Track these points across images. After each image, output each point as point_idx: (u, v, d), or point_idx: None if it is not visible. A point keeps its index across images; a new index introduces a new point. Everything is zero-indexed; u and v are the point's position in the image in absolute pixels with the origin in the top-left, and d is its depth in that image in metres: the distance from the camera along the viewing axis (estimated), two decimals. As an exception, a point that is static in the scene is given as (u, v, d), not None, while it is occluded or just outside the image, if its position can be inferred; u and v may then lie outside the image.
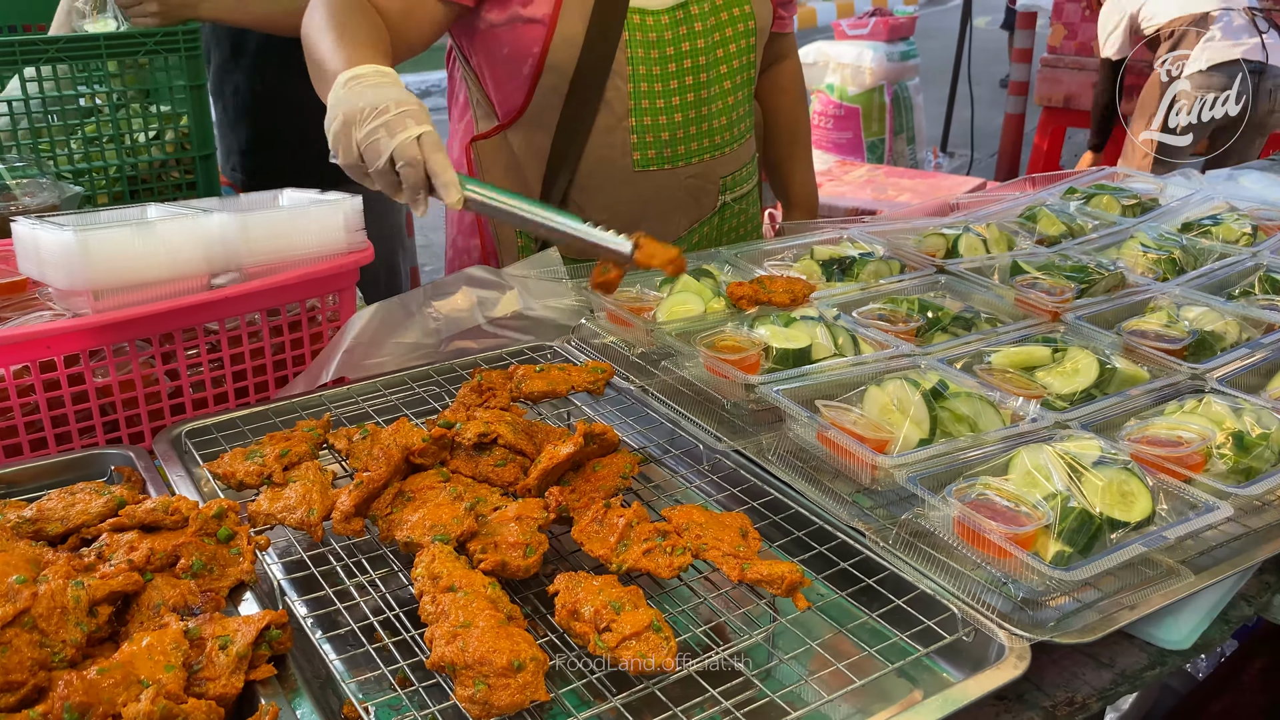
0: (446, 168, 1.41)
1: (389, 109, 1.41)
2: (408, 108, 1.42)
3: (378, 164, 1.42)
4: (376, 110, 1.41)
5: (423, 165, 1.41)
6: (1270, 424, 1.32)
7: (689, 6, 1.93)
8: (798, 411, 1.33)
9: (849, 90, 6.63)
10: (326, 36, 1.64)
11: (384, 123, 1.41)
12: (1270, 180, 2.84)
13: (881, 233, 1.96)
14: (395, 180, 1.44)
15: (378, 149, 1.41)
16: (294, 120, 2.88)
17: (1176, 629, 1.18)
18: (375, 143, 1.41)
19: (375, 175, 1.44)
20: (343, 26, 1.65)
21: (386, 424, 1.41)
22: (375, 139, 1.41)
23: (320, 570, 1.19)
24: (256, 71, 2.82)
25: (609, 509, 1.20)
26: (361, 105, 1.43)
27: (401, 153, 1.40)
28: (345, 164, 1.47)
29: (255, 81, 2.84)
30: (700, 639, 1.11)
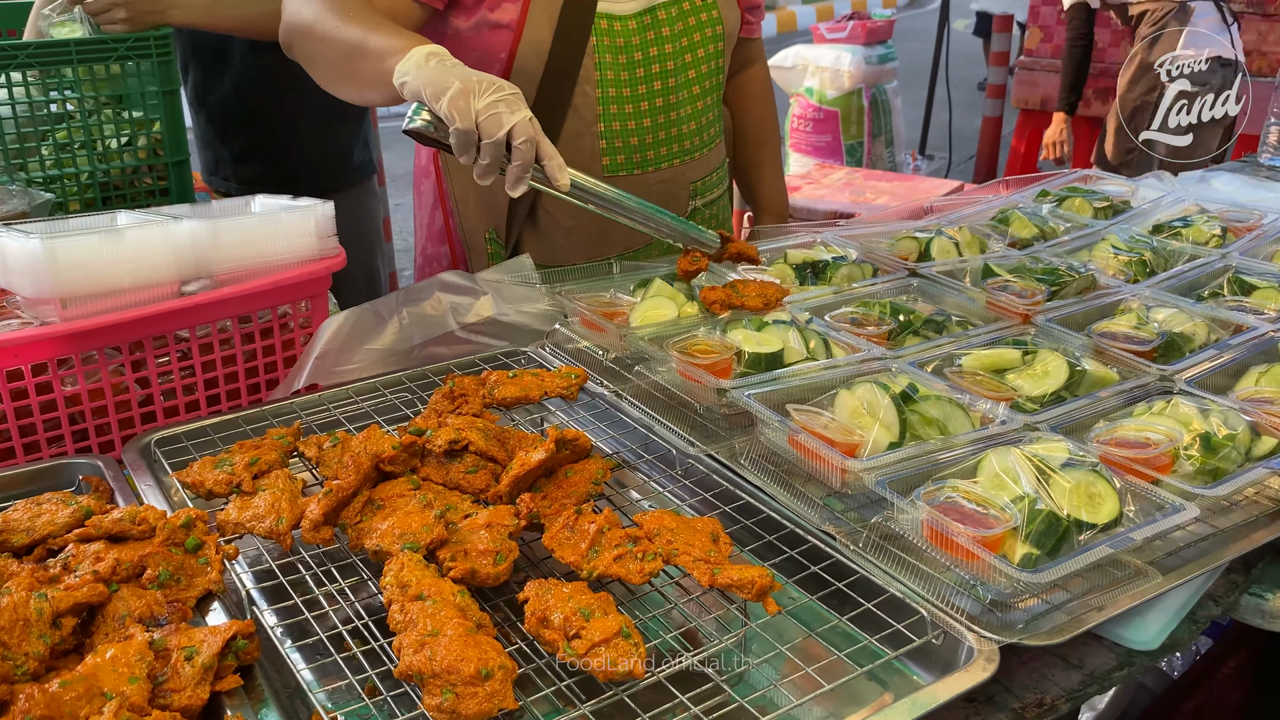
0: (557, 152, 1.50)
1: (504, 87, 1.47)
2: (516, 89, 1.48)
3: (496, 135, 1.45)
4: (494, 85, 1.46)
5: (535, 145, 1.46)
6: (1237, 425, 1.33)
7: (656, 11, 1.93)
8: (769, 416, 1.33)
9: (828, 93, 6.66)
10: (346, 19, 1.67)
11: (503, 98, 1.45)
12: (1241, 182, 2.86)
13: (855, 236, 1.97)
14: (502, 156, 1.48)
15: (499, 121, 1.45)
16: (282, 127, 2.88)
17: (1145, 629, 1.18)
18: (497, 115, 1.45)
19: (487, 147, 1.47)
20: (358, 13, 1.69)
21: (358, 431, 1.41)
22: (497, 112, 1.45)
23: (289, 579, 1.18)
24: (243, 80, 2.81)
25: (580, 515, 1.20)
26: (475, 78, 1.47)
27: (522, 129, 1.45)
28: (463, 127, 1.46)
29: (241, 91, 2.83)
30: (671, 644, 1.11)
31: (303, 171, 2.88)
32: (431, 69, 1.51)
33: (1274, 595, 1.29)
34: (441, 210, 2.16)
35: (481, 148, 1.47)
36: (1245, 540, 1.28)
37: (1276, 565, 1.33)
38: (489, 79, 1.47)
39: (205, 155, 2.96)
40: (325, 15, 1.71)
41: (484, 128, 1.46)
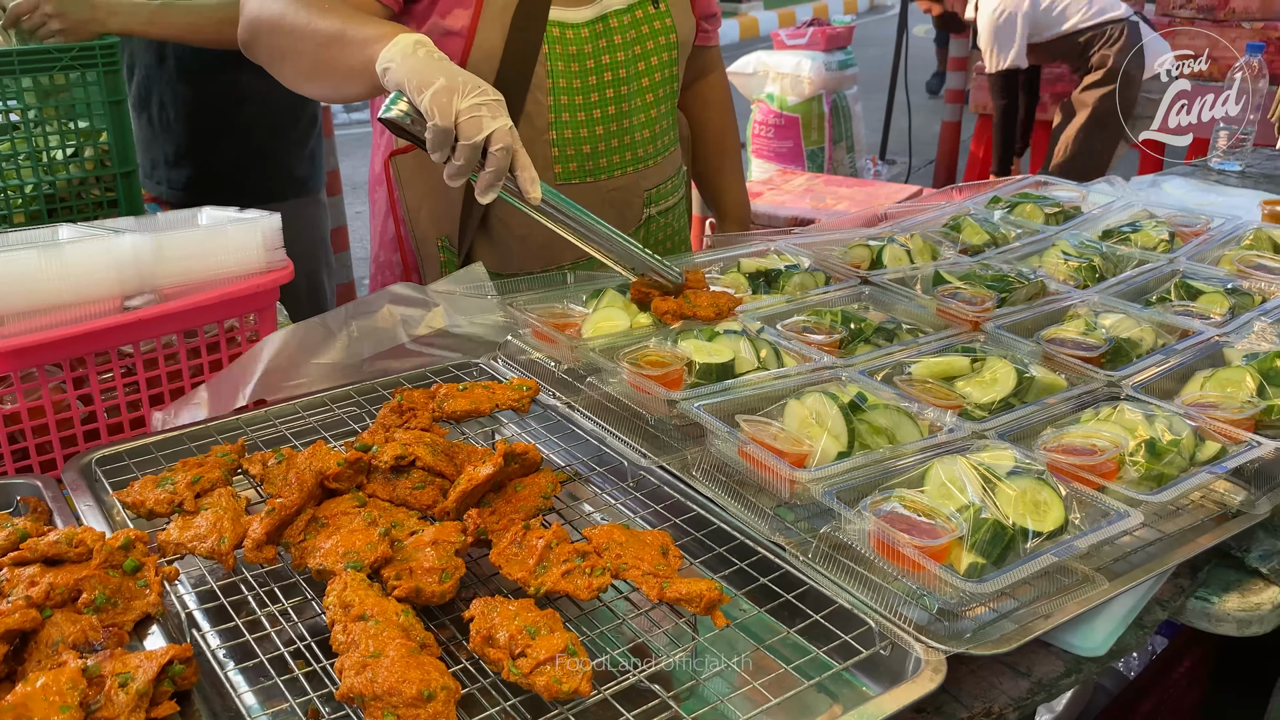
0: (530, 164, 1.48)
1: (488, 91, 1.44)
2: (500, 95, 1.46)
3: (474, 139, 1.43)
4: (479, 88, 1.44)
5: (511, 155, 1.44)
6: (1181, 430, 1.35)
7: (608, 19, 1.93)
8: (718, 427, 1.32)
9: (788, 99, 6.69)
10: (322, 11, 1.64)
11: (486, 102, 1.43)
12: (1192, 186, 2.90)
13: (808, 245, 1.97)
14: (477, 161, 1.45)
15: (479, 125, 1.42)
16: (221, 135, 2.84)
17: (1092, 636, 1.19)
18: (478, 119, 1.42)
19: (463, 149, 1.44)
20: (333, 5, 1.67)
21: (304, 447, 1.39)
22: (479, 115, 1.42)
23: (231, 600, 1.16)
24: (181, 81, 2.77)
25: (528, 530, 1.19)
26: (461, 77, 1.44)
27: (501, 136, 1.43)
28: (441, 125, 1.43)
29: (181, 92, 2.79)
30: (619, 661, 1.10)
31: (239, 181, 2.85)
32: (418, 60, 1.48)
33: (1220, 598, 1.30)
34: (394, 218, 2.14)
35: (457, 148, 1.45)
36: (1191, 544, 1.29)
37: (1222, 569, 1.35)
38: (475, 80, 1.45)
39: (143, 158, 2.92)
40: (295, 8, 1.68)
41: (463, 129, 1.43)
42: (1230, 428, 1.37)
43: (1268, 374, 1.47)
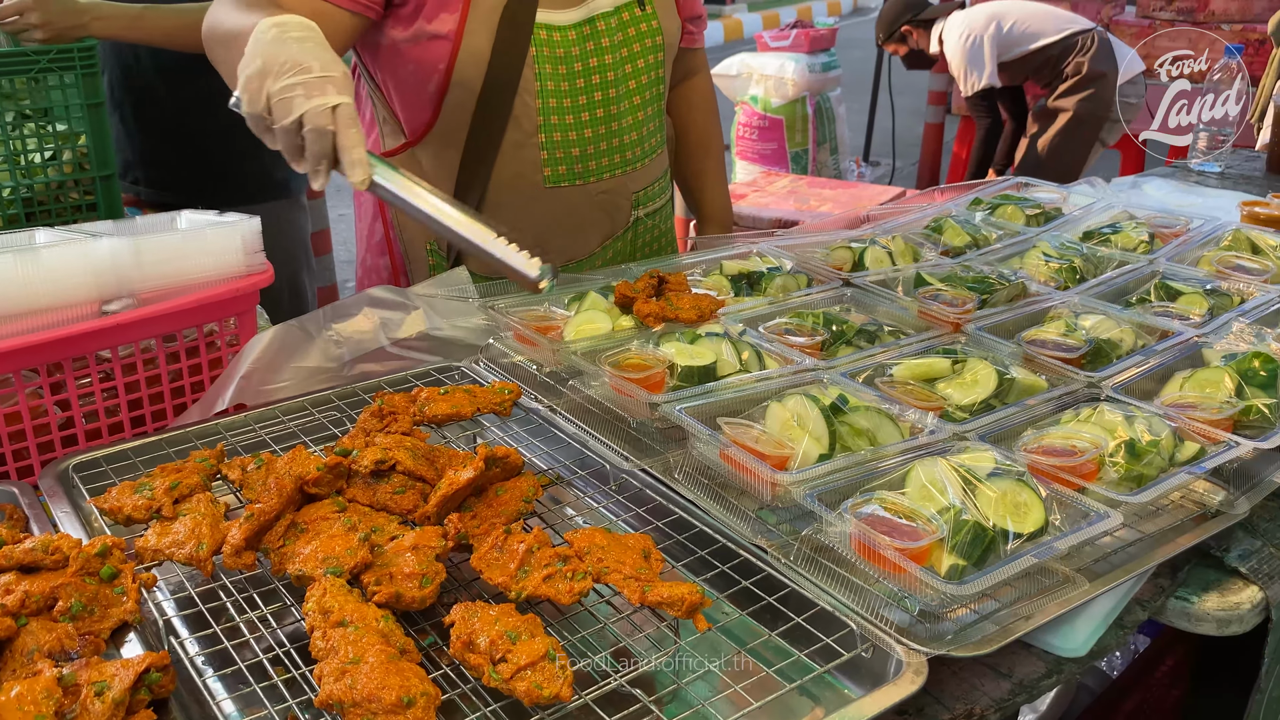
0: (357, 144, 1.33)
1: (312, 68, 1.32)
2: (332, 74, 1.33)
3: (285, 121, 1.33)
4: (299, 66, 1.32)
5: (332, 136, 1.32)
6: (1160, 431, 1.35)
7: (596, 22, 1.92)
8: (699, 429, 1.32)
9: (772, 101, 6.70)
10: (234, 14, 1.57)
11: (303, 81, 1.31)
12: (1172, 187, 2.92)
13: (790, 247, 1.98)
14: (298, 144, 1.35)
15: (289, 106, 1.32)
16: (197, 136, 2.83)
17: (1073, 636, 1.19)
18: (289, 100, 1.32)
19: (279, 133, 1.35)
20: (252, 5, 1.60)
21: (284, 452, 1.38)
22: (290, 96, 1.32)
23: (210, 607, 1.15)
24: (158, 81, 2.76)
25: (509, 535, 1.18)
26: (284, 58, 1.33)
27: (313, 117, 1.31)
28: (248, 113, 1.37)
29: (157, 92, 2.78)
30: (600, 665, 1.09)
31: (218, 182, 2.84)
32: (258, 43, 1.36)
33: (1199, 598, 1.30)
34: (381, 221, 2.13)
35: (275, 132, 1.36)
36: (1171, 545, 1.29)
37: (1202, 568, 1.35)
38: (306, 61, 1.33)
39: (117, 158, 2.90)
40: (218, 15, 1.64)
41: (275, 111, 1.33)
42: (1209, 428, 1.38)
43: (1246, 374, 1.48)
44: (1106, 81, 5.12)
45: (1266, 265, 1.91)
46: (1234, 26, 5.64)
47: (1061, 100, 5.18)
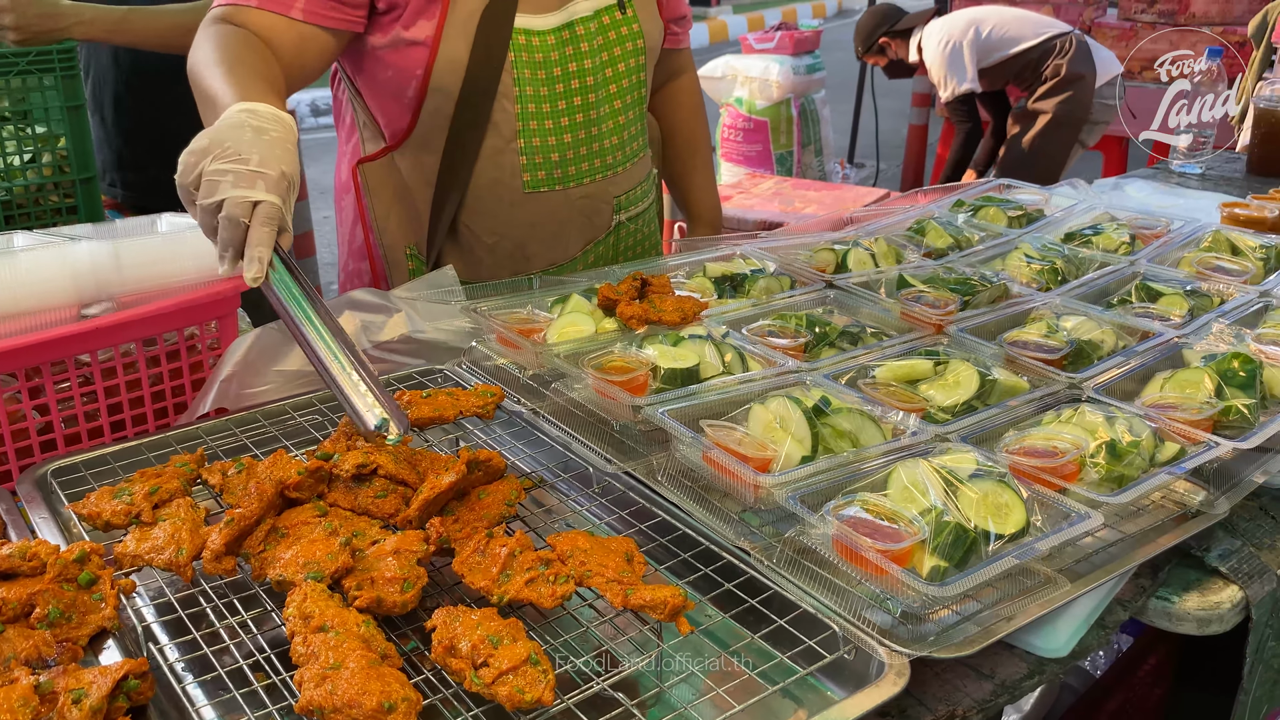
0: (263, 243, 1.29)
1: (250, 160, 1.31)
2: (266, 171, 1.31)
3: (205, 201, 1.31)
4: (239, 156, 1.31)
5: (244, 230, 1.30)
6: (1141, 431, 1.36)
7: (575, 26, 1.92)
8: (682, 432, 1.32)
9: (757, 103, 6.71)
10: (217, 70, 1.56)
11: (235, 170, 1.30)
12: (1153, 189, 2.94)
13: (774, 249, 1.98)
14: (213, 226, 1.33)
15: (214, 189, 1.31)
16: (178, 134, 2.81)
17: (1055, 637, 1.20)
18: (215, 183, 1.31)
19: (199, 209, 1.34)
20: (234, 60, 1.59)
21: (265, 456, 1.37)
22: (218, 180, 1.30)
23: (190, 613, 1.15)
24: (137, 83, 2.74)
25: (491, 539, 1.18)
26: (229, 143, 1.33)
27: (231, 206, 1.29)
28: (179, 182, 1.37)
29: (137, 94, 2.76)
30: (583, 669, 1.09)
31: None
32: (223, 124, 1.38)
33: (1180, 598, 1.31)
34: (362, 226, 2.12)
35: (196, 207, 1.35)
36: (1152, 545, 1.30)
37: (1182, 568, 1.36)
38: (246, 153, 1.32)
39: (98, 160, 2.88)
40: (201, 57, 1.63)
41: (201, 189, 1.32)
42: (1189, 428, 1.38)
43: (1225, 375, 1.48)
44: (1085, 83, 5.15)
45: (1246, 266, 1.93)
46: (1215, 29, 5.67)
47: (1041, 103, 5.21)
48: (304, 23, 1.75)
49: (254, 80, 1.53)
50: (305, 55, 1.78)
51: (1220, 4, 5.77)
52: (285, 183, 1.33)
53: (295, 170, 1.37)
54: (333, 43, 1.82)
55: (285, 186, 1.33)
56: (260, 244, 1.30)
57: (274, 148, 1.35)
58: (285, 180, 1.33)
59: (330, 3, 1.76)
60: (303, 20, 1.75)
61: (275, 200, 1.31)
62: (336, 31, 1.81)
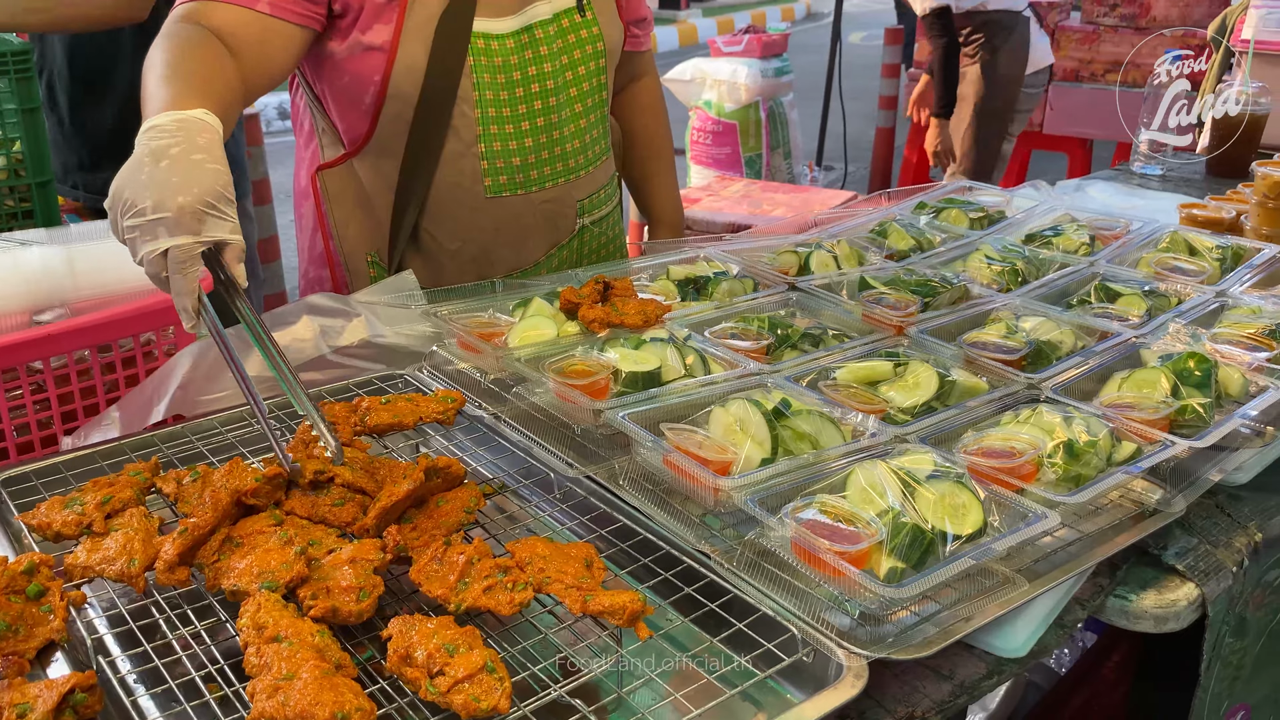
0: (184, 293, 1.26)
1: (145, 209, 1.25)
2: (164, 215, 1.24)
3: (136, 262, 1.29)
4: (136, 207, 1.26)
5: (165, 281, 1.27)
6: (1098, 431, 1.37)
7: (534, 30, 1.91)
8: (642, 436, 1.32)
9: (725, 106, 6.73)
10: (154, 75, 1.51)
11: (137, 225, 1.26)
12: (1115, 190, 2.97)
13: (737, 251, 1.98)
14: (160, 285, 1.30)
15: (133, 249, 1.28)
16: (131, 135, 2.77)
17: (1013, 637, 1.20)
18: (131, 241, 1.28)
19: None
20: (173, 64, 1.52)
21: (222, 464, 1.36)
22: (130, 238, 1.28)
23: (142, 624, 1.13)
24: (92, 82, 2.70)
25: (449, 546, 1.17)
26: (126, 195, 1.28)
27: (148, 268, 1.28)
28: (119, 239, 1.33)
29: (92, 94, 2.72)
30: (540, 676, 1.08)
31: None
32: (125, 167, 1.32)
33: (1137, 596, 1.32)
34: (322, 233, 2.10)
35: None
36: (1110, 544, 1.31)
37: (1140, 566, 1.37)
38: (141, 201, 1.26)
39: (55, 160, 2.84)
40: (150, 59, 1.58)
41: (129, 249, 1.31)
42: (1145, 428, 1.40)
43: (1181, 374, 1.50)
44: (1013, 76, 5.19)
45: (1203, 266, 1.95)
46: (1175, 32, 5.74)
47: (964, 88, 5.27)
48: (270, 16, 1.71)
49: (182, 85, 1.46)
50: (270, 50, 1.73)
51: (1181, 7, 5.84)
52: (188, 214, 1.26)
53: (205, 184, 1.29)
54: (298, 38, 1.78)
55: (191, 216, 1.26)
56: (180, 294, 1.26)
57: (171, 173, 1.28)
58: (188, 209, 1.26)
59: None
60: (269, 14, 1.71)
61: (180, 241, 1.25)
62: (303, 28, 1.78)
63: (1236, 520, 1.47)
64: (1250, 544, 1.44)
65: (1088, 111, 6.14)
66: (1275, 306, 1.75)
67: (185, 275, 1.26)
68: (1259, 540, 1.45)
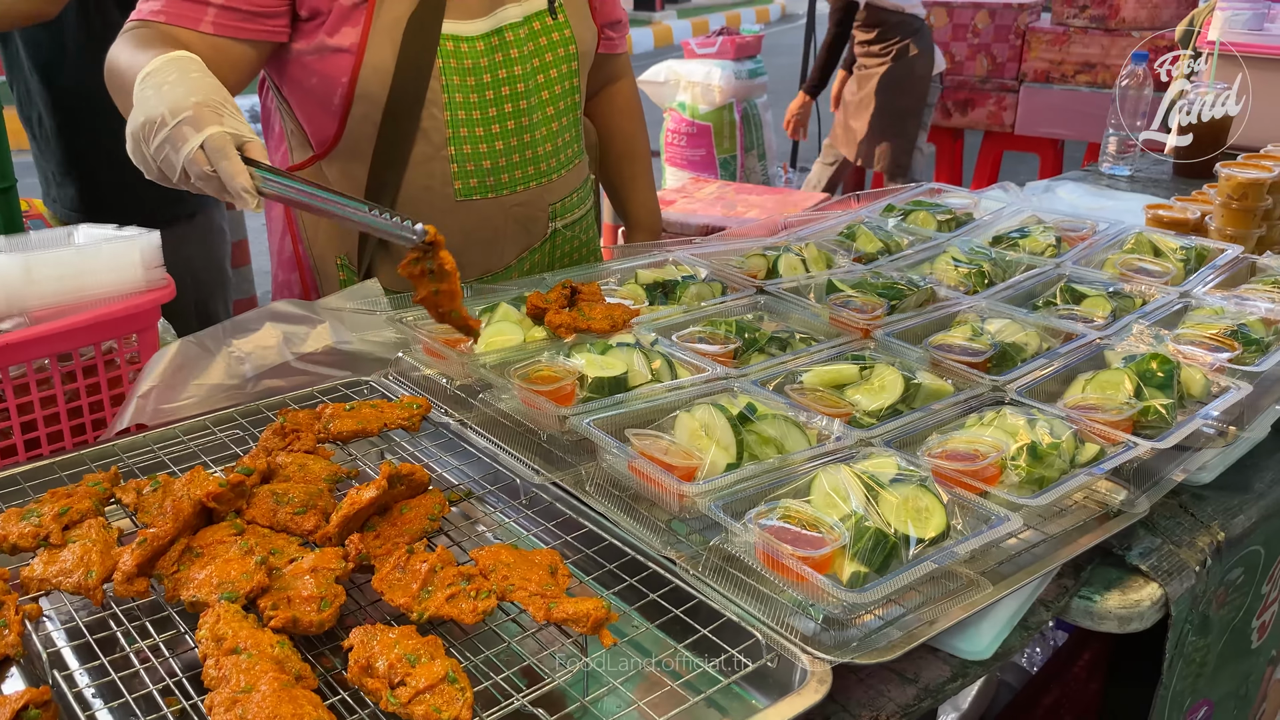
0: (236, 174, 1.36)
1: (166, 120, 1.35)
2: (184, 114, 1.36)
3: (173, 179, 1.38)
4: (156, 124, 1.36)
5: (216, 177, 1.36)
6: (1062, 433, 1.37)
7: (504, 32, 1.91)
8: (607, 442, 1.31)
9: (700, 108, 6.73)
10: (124, 59, 1.58)
11: (165, 137, 1.35)
12: (1084, 191, 2.99)
13: (706, 255, 1.98)
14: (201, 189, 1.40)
15: (171, 165, 1.37)
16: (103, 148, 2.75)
17: (978, 639, 1.21)
18: (166, 159, 1.37)
19: (188, 187, 1.40)
20: (145, 49, 1.58)
21: (184, 473, 1.34)
22: (164, 155, 1.36)
23: (100, 638, 1.11)
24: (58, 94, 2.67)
25: (412, 555, 1.16)
26: (142, 120, 1.37)
27: (190, 167, 1.36)
28: (150, 178, 1.42)
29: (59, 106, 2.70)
30: (503, 685, 1.08)
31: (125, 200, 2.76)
32: (141, 97, 1.42)
33: (1102, 597, 1.33)
34: (291, 237, 2.09)
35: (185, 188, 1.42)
36: (1074, 545, 1.31)
37: (1104, 567, 1.38)
38: (158, 112, 1.37)
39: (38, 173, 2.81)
40: (113, 56, 1.63)
41: (165, 173, 1.40)
42: (1108, 429, 1.40)
43: (1144, 375, 1.51)
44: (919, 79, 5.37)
45: (1167, 267, 1.96)
46: (1144, 33, 5.79)
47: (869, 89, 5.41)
48: (216, 36, 1.73)
49: (158, 50, 1.53)
50: (221, 68, 1.72)
51: (1149, 9, 5.89)
52: (206, 108, 1.37)
53: (211, 87, 1.41)
54: (251, 54, 1.80)
55: (209, 110, 1.37)
56: (232, 177, 1.36)
57: (176, 89, 1.38)
58: (205, 106, 1.37)
59: (242, 15, 1.74)
60: (214, 34, 1.73)
61: (211, 131, 1.35)
62: (254, 43, 1.78)
63: (1200, 520, 1.48)
64: (1213, 543, 1.45)
65: (1058, 112, 6.19)
66: (1238, 307, 1.77)
67: (229, 159, 1.35)
68: (1221, 539, 1.46)
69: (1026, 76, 6.28)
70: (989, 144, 6.67)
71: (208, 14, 1.72)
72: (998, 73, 6.37)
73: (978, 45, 6.42)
